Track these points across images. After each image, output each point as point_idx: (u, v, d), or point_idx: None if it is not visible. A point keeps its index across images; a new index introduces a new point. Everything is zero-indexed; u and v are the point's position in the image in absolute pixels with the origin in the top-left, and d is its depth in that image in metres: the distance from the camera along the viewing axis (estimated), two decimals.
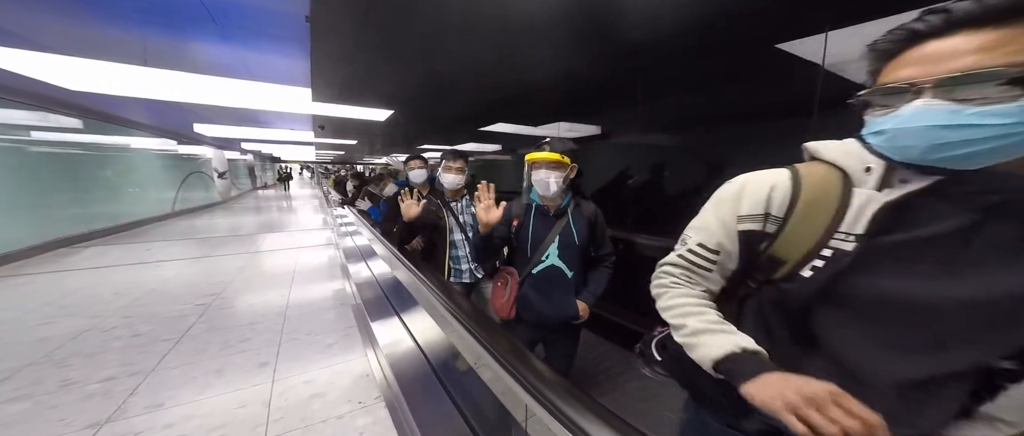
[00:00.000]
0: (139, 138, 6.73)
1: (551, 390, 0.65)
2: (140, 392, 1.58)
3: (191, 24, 2.54)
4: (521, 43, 2.28)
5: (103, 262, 3.89)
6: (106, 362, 1.82)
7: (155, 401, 1.52)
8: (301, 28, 2.36)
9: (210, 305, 2.65)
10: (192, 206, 8.41)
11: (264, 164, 18.81)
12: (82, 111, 5.13)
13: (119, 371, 1.74)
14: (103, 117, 5.62)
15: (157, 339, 2.09)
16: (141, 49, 2.84)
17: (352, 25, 2.19)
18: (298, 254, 4.29)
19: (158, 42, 2.82)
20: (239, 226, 6.54)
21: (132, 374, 1.72)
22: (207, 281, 3.23)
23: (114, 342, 2.05)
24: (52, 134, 4.63)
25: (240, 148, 12.21)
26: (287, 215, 8.15)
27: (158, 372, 1.75)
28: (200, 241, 5.14)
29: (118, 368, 1.77)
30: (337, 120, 5.42)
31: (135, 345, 2.01)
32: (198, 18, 2.43)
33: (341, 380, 1.74)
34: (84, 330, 2.20)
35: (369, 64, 2.87)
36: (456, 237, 1.90)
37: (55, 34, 2.76)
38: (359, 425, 1.45)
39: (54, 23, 2.56)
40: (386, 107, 4.16)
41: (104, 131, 5.69)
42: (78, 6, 2.32)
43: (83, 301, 2.70)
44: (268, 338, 2.14)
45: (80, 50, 2.73)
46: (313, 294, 2.92)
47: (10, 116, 4.00)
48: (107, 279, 3.26)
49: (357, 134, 7.93)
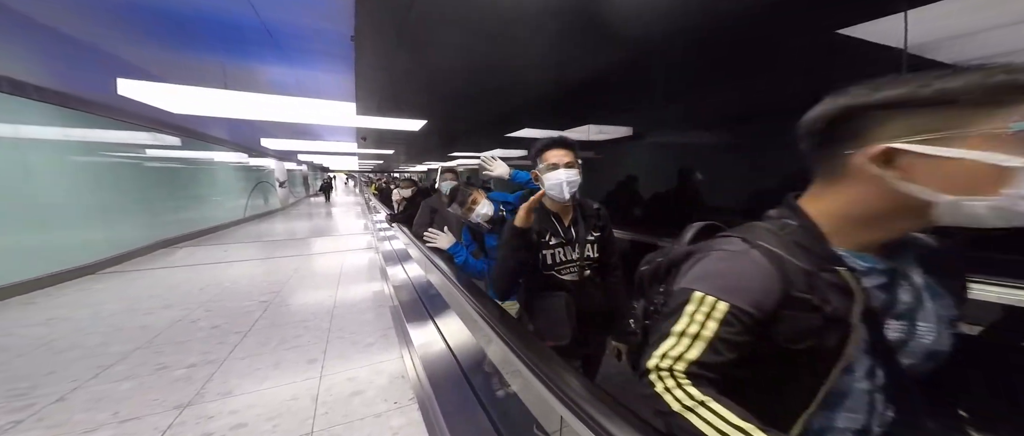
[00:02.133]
0: (220, 152, 7.79)
1: (588, 402, 0.61)
2: (215, 379, 1.82)
3: (259, 49, 2.91)
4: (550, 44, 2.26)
5: (192, 260, 4.55)
6: (191, 350, 2.13)
7: (225, 389, 1.74)
8: (347, 47, 2.58)
9: (271, 302, 2.97)
10: (259, 213, 9.53)
11: (315, 173, 20.69)
12: (180, 130, 6.09)
13: (200, 359, 2.02)
14: (195, 135, 6.60)
15: (230, 332, 2.39)
16: (221, 73, 3.30)
17: (390, 41, 2.33)
18: (343, 257, 4.66)
19: (235, 67, 3.27)
20: (294, 230, 7.28)
21: (209, 362, 1.98)
22: (268, 280, 3.63)
23: (198, 332, 2.38)
24: (159, 151, 5.54)
25: (296, 159, 13.59)
26: (333, 221, 8.89)
27: (230, 362, 2.00)
28: (264, 244, 5.81)
29: (199, 356, 2.05)
30: (377, 131, 5.80)
31: (213, 336, 2.32)
32: (264, 43, 2.78)
33: (379, 379, 1.85)
34: (176, 320, 2.58)
35: (405, 77, 3.03)
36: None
37: (161, 64, 3.32)
38: (394, 425, 1.53)
39: (160, 56, 3.09)
40: (420, 117, 4.36)
41: (195, 147, 6.66)
42: (176, 38, 2.77)
43: (177, 295, 3.17)
44: (317, 335, 2.34)
45: (178, 78, 3.28)
46: (356, 295, 3.15)
47: (132, 137, 4.87)
48: (195, 276, 3.81)
49: (394, 144, 8.42)
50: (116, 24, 2.55)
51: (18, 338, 2.29)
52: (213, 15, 2.38)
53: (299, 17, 2.37)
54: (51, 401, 1.62)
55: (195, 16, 2.40)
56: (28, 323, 2.55)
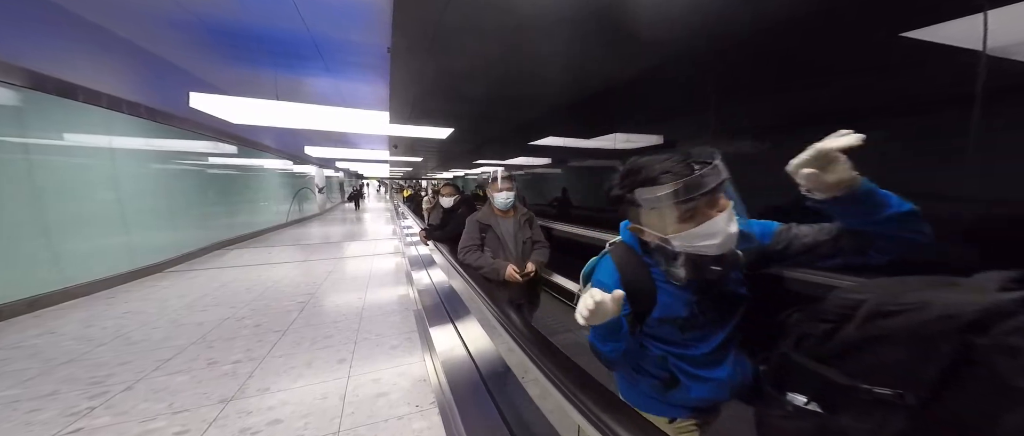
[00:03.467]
0: (268, 160, 8.45)
1: (606, 413, 0.61)
2: (255, 376, 1.95)
3: (305, 62, 3.16)
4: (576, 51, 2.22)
5: (242, 261, 4.96)
6: (236, 347, 2.31)
7: (264, 385, 1.86)
8: (383, 58, 2.71)
9: (307, 303, 3.16)
10: (300, 217, 10.21)
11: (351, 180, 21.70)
12: (236, 140, 6.70)
13: (243, 356, 2.19)
14: (248, 144, 7.22)
15: (270, 330, 2.57)
16: (273, 85, 3.59)
17: (423, 52, 2.41)
18: (372, 261, 4.86)
19: (285, 79, 3.56)
20: (329, 234, 7.72)
21: (251, 359, 2.14)
22: (306, 281, 3.87)
23: (243, 330, 2.58)
24: (217, 159, 6.12)
25: (334, 166, 14.44)
26: (364, 226, 9.33)
27: (268, 360, 2.14)
28: (303, 247, 6.20)
29: (243, 353, 2.22)
30: (408, 139, 6.01)
31: (256, 334, 2.51)
32: (310, 56, 3.01)
33: (403, 381, 1.90)
34: (226, 318, 2.82)
35: (434, 85, 3.11)
36: None
37: (223, 78, 3.70)
38: (415, 428, 1.56)
39: (222, 70, 3.44)
40: (448, 125, 4.46)
41: (247, 155, 7.29)
42: (234, 52, 3.05)
43: (227, 294, 3.47)
44: (347, 336, 2.45)
45: (236, 90, 3.62)
46: (383, 298, 3.27)
47: (195, 146, 5.42)
48: (244, 276, 4.14)
49: (424, 151, 8.68)
50: (187, 41, 2.86)
51: (99, 329, 2.61)
52: (269, 31, 2.61)
53: (342, 30, 2.54)
54: (121, 389, 1.83)
55: (254, 32, 2.64)
56: (110, 316, 2.90)
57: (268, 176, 8.49)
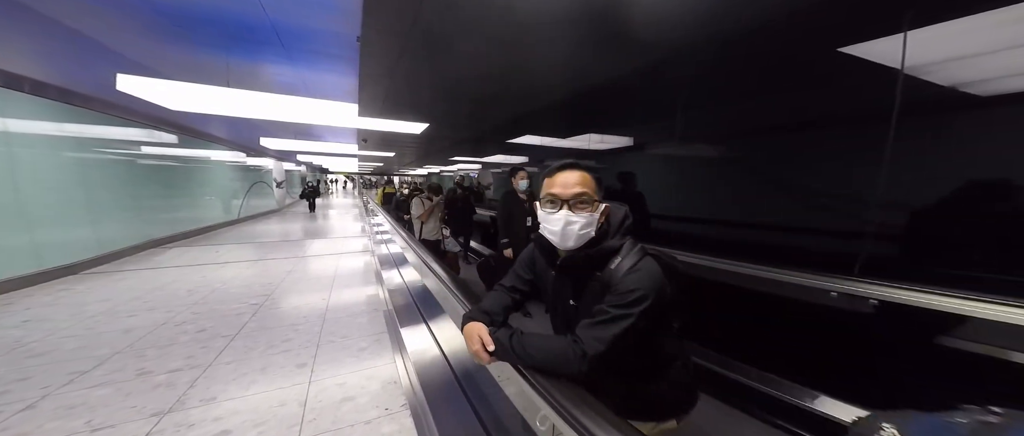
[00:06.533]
0: (217, 151, 7.68)
1: (578, 409, 0.62)
2: (197, 385, 1.73)
3: (263, 48, 2.88)
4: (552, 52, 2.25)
5: (182, 261, 4.44)
6: (174, 354, 2.04)
7: (209, 394, 1.66)
8: (352, 48, 2.55)
9: (261, 305, 2.88)
10: (254, 213, 9.39)
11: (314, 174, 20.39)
12: (177, 128, 6.00)
13: (183, 364, 1.94)
14: (192, 133, 6.50)
15: (216, 335, 2.30)
16: (225, 71, 3.26)
17: (396, 44, 2.31)
18: (338, 260, 4.57)
19: (238, 65, 3.22)
20: (289, 232, 7.17)
21: (193, 367, 1.90)
22: (261, 282, 3.54)
23: (182, 336, 2.30)
24: (153, 148, 5.44)
25: (296, 160, 13.47)
26: (330, 222, 8.78)
27: (215, 367, 1.92)
28: (258, 245, 5.70)
29: (183, 361, 1.97)
30: (379, 134, 5.77)
31: (198, 340, 2.24)
32: (269, 42, 2.75)
33: (371, 385, 1.78)
34: (161, 323, 2.49)
35: (409, 80, 3.01)
36: None
37: (163, 61, 3.27)
38: (385, 432, 1.46)
39: (161, 50, 3.04)
40: (423, 120, 4.34)
41: (190, 145, 6.56)
42: (180, 34, 2.71)
43: (163, 297, 3.07)
44: (308, 339, 2.27)
45: (180, 74, 3.22)
46: (349, 298, 3.07)
47: (123, 133, 4.77)
48: (183, 277, 3.70)
49: (396, 147, 8.39)
50: (122, 20, 2.51)
51: None
52: (220, 13, 2.34)
53: (306, 17, 2.35)
54: (19, 409, 1.53)
55: (201, 13, 2.36)
56: (3, 326, 2.44)
57: (216, 168, 7.71)
